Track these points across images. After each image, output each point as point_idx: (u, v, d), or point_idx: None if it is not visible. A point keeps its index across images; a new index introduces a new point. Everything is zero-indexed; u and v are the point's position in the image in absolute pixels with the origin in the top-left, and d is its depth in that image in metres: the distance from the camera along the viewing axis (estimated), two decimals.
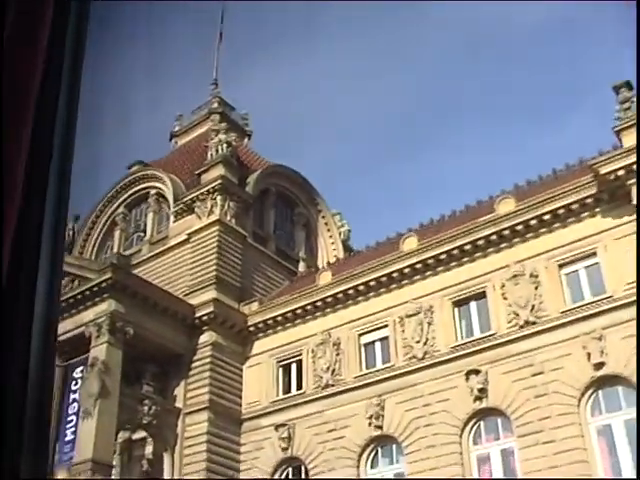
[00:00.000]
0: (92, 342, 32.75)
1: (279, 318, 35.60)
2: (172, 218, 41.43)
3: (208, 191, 39.53)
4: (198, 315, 35.36)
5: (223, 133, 41.76)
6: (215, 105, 50.68)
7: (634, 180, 25.66)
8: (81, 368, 33.29)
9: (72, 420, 32.41)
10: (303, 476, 33.07)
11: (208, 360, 34.99)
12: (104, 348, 32.32)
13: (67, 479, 30.26)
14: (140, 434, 34.87)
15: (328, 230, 46.36)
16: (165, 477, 33.49)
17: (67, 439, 32.19)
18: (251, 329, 36.33)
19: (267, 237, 42.31)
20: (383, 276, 32.85)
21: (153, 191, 43.64)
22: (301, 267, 43.34)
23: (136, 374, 34.10)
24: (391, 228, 50.88)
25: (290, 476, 33.52)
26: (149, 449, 33.38)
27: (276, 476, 33.35)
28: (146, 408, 33.23)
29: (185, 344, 35.53)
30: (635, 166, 25.41)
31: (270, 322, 35.82)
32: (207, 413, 34.01)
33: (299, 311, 35.00)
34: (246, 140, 50.27)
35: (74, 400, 32.76)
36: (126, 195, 44.94)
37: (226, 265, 38.06)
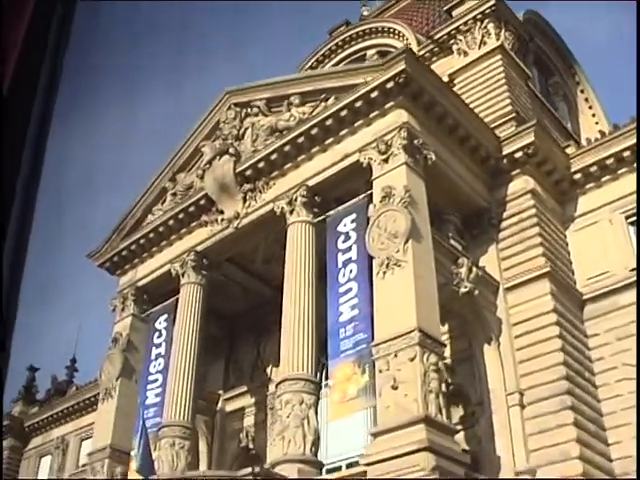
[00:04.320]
0: (375, 171, 19.88)
1: (625, 154, 22.45)
2: None
3: (475, 18, 27.05)
4: (509, 151, 22.33)
5: None
6: None
7: None
8: (352, 217, 20.38)
9: (346, 282, 19.37)
10: None
11: (532, 212, 21.96)
12: (402, 172, 19.43)
13: None
14: None
15: (590, 107, 33.55)
16: (491, 382, 20.06)
17: (342, 307, 19.10)
18: (576, 177, 23.18)
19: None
20: None
21: (372, 51, 31.29)
22: None
23: (436, 224, 21.01)
24: None
25: None
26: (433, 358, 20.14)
27: None
28: (463, 270, 20.04)
29: (486, 195, 22.47)
30: None
31: (609, 162, 22.71)
32: (548, 284, 20.71)
33: None
34: None
35: (348, 262, 19.70)
36: (331, 64, 32.63)
37: (518, 104, 25.28)
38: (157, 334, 24.53)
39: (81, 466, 34.69)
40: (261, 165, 22.65)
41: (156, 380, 23.63)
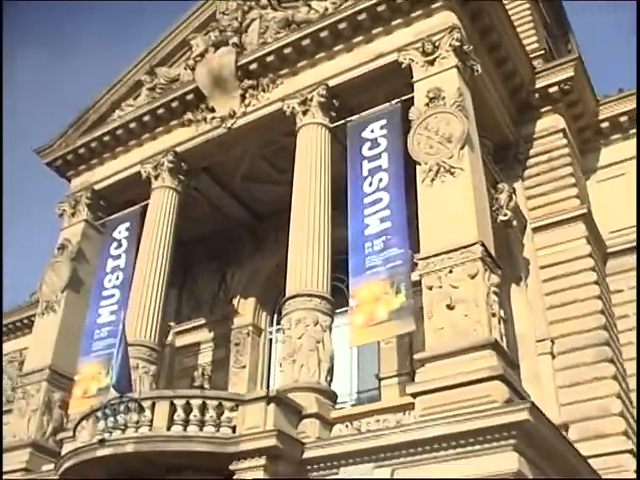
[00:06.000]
0: (417, 73, 16.93)
1: None
2: None
3: None
4: (544, 84, 19.82)
5: None
6: None
7: None
8: (381, 123, 17.33)
9: (374, 192, 16.16)
10: None
11: (564, 152, 19.67)
12: (454, 75, 16.72)
13: None
14: None
15: None
16: (518, 327, 17.38)
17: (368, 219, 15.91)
18: (603, 125, 20.91)
19: None
20: None
21: None
22: None
23: None
24: None
25: None
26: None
27: None
28: (503, 197, 17.32)
29: (512, 129, 19.86)
30: None
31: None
32: (583, 227, 18.25)
33: None
34: None
35: (376, 170, 16.57)
36: None
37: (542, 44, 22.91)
38: (115, 244, 20.43)
39: None
40: (270, 59, 19.13)
41: (112, 296, 19.56)
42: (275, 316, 22.06)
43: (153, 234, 19.24)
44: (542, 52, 21.46)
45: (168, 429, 13.72)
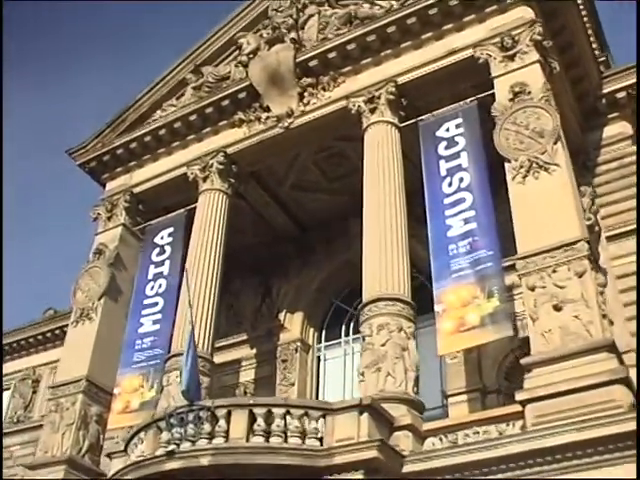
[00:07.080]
0: (495, 69, 16.26)
1: None
2: None
3: None
4: (612, 89, 19.06)
5: None
6: None
7: None
8: (457, 121, 16.64)
9: (455, 192, 15.24)
10: None
11: (635, 159, 18.61)
12: (537, 70, 15.99)
13: None
14: None
15: None
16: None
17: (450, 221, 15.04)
18: None
19: None
20: None
21: None
22: None
23: None
24: None
25: None
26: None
27: None
28: (586, 200, 16.49)
29: (580, 135, 19.05)
30: None
31: None
32: None
33: None
34: None
35: (456, 170, 15.70)
36: None
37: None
38: (157, 250, 19.30)
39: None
40: (331, 55, 18.30)
41: (155, 304, 18.38)
42: (323, 332, 20.98)
43: (203, 238, 18.15)
44: (604, 58, 20.69)
45: (247, 440, 12.51)
